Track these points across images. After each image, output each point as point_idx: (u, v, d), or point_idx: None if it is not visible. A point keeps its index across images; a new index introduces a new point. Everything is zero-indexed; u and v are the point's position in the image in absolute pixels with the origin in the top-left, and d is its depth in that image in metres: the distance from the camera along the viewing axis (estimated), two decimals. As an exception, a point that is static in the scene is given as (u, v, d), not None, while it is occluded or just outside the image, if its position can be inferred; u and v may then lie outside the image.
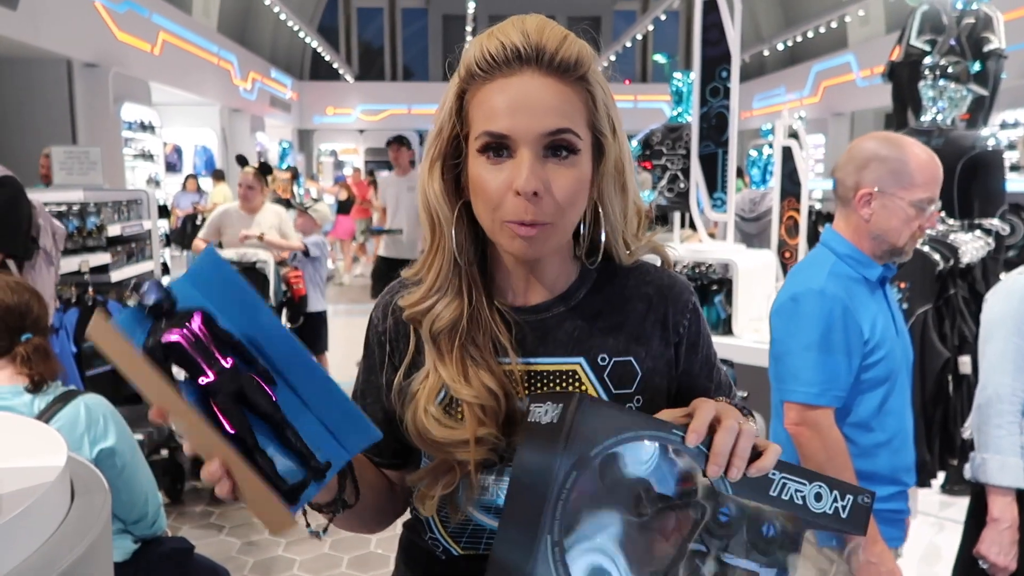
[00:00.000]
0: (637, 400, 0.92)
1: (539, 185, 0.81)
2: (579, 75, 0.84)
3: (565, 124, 0.82)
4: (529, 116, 0.82)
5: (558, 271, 0.94)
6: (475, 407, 0.87)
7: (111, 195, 4.24)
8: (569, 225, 0.87)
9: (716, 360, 1.02)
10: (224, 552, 3.22)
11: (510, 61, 0.83)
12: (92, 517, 1.18)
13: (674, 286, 0.98)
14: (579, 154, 0.84)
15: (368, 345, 0.99)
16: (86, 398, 1.82)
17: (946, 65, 3.48)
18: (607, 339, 0.93)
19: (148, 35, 9.61)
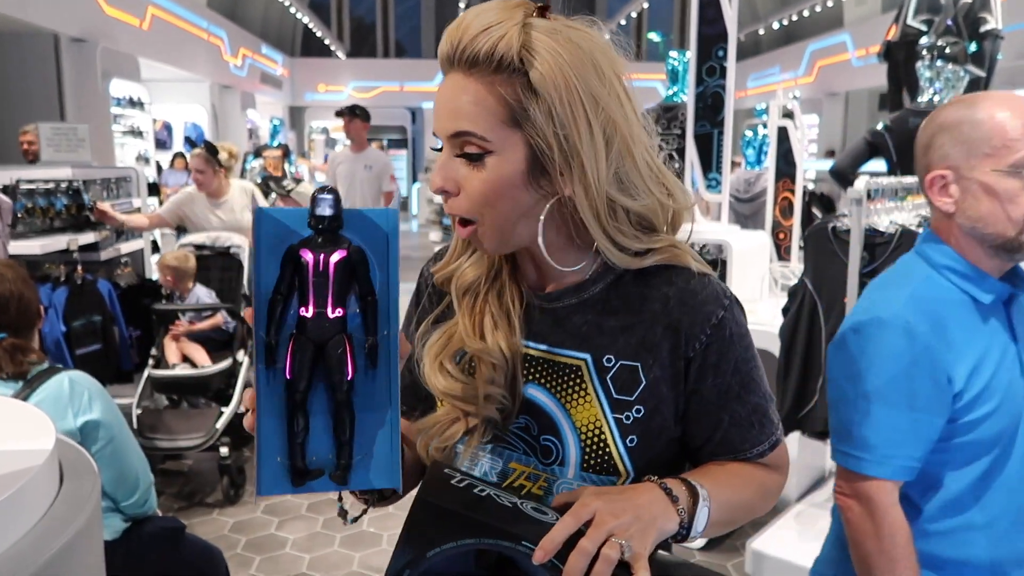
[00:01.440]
0: (637, 410, 0.87)
1: (444, 183, 0.83)
2: (493, 68, 0.79)
3: (463, 127, 0.81)
4: (440, 118, 0.83)
5: (565, 264, 0.89)
6: (487, 363, 0.88)
7: (100, 172, 4.19)
8: (500, 225, 0.84)
9: (748, 390, 0.90)
10: (216, 531, 3.22)
11: (444, 62, 0.84)
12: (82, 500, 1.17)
13: (700, 293, 0.88)
14: (493, 156, 0.81)
15: (418, 290, 1.04)
16: (71, 373, 1.81)
17: (943, 45, 3.45)
18: (617, 339, 0.88)
19: (137, 9, 9.47)
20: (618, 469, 0.87)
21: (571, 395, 0.89)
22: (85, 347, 3.45)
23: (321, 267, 0.67)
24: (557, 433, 0.89)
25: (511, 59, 0.78)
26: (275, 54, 16.80)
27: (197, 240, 4.06)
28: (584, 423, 0.88)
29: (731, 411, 0.89)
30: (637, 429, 0.87)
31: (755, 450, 0.90)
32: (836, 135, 14.10)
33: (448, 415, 0.91)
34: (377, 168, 5.33)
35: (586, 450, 0.88)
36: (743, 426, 0.90)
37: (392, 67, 20.09)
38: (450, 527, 0.70)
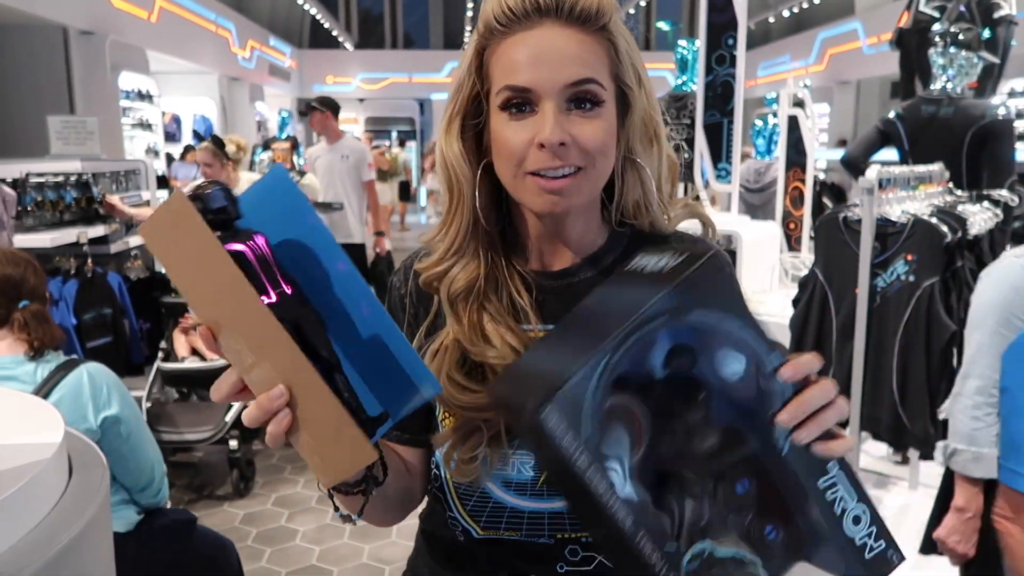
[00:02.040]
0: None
1: (564, 136, 0.79)
2: (600, 24, 0.82)
3: (588, 74, 0.80)
4: (551, 68, 0.80)
5: (584, 233, 0.90)
6: (499, 368, 0.84)
7: (109, 165, 4.20)
8: (601, 175, 0.84)
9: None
10: (227, 523, 3.24)
11: (529, 13, 0.81)
12: (91, 493, 1.17)
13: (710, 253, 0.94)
14: (604, 105, 0.82)
15: (391, 309, 0.97)
16: (88, 366, 1.82)
17: (956, 32, 3.41)
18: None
19: (145, 2, 9.48)
20: None
21: None
22: (96, 340, 3.46)
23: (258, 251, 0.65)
24: None
25: (613, 20, 0.83)
26: (283, 46, 16.79)
27: None
28: None
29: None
30: None
31: None
32: (847, 124, 13.99)
33: (464, 426, 0.86)
34: (354, 157, 5.06)
35: None
36: None
37: (400, 58, 20.05)
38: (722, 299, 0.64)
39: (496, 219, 0.90)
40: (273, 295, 0.65)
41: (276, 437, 0.66)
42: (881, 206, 2.55)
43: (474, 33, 0.86)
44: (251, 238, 0.65)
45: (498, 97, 0.82)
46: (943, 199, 2.85)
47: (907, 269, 2.55)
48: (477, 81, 0.85)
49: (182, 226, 0.61)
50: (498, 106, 0.82)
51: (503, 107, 0.82)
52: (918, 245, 2.54)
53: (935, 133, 3.40)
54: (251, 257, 0.64)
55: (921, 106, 3.48)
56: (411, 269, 0.95)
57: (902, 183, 2.65)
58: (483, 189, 0.87)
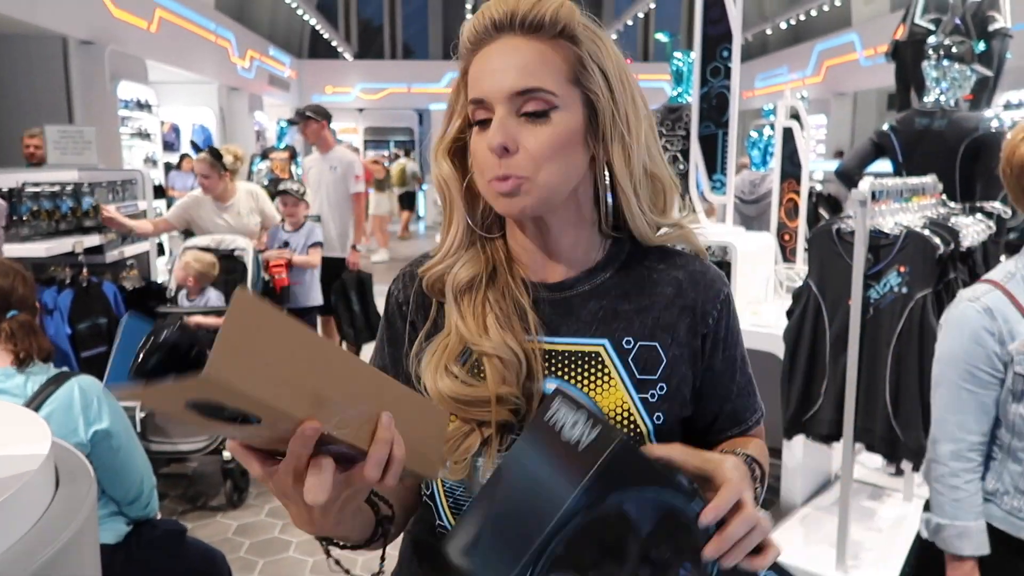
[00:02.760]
0: (661, 387, 0.89)
1: (506, 140, 0.82)
2: (556, 31, 0.84)
3: (532, 83, 0.82)
4: (497, 77, 0.83)
5: (574, 246, 0.92)
6: (496, 362, 0.86)
7: (106, 175, 4.21)
8: (551, 181, 0.84)
9: (745, 362, 0.98)
10: (220, 534, 3.22)
11: (489, 31, 0.85)
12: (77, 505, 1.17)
13: (707, 273, 0.95)
14: (556, 112, 0.83)
15: (388, 318, 0.98)
16: (79, 379, 1.81)
17: (950, 45, 3.43)
18: (633, 322, 0.91)
19: (144, 12, 9.51)
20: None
21: (595, 382, 0.88)
22: (90, 349, 3.46)
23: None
24: None
25: (572, 27, 0.84)
26: (283, 56, 16.84)
27: (202, 243, 4.07)
28: (612, 408, 0.87)
29: (736, 382, 0.96)
30: (663, 406, 0.88)
31: (754, 417, 0.98)
32: (844, 135, 14.04)
33: (459, 429, 0.87)
34: (341, 168, 4.90)
35: None
36: (745, 395, 0.97)
37: (399, 68, 20.11)
38: (635, 476, 0.68)
39: (496, 230, 0.94)
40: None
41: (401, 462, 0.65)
42: (874, 218, 2.55)
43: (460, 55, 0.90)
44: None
45: (471, 114, 0.86)
46: (936, 211, 2.86)
47: (900, 281, 2.56)
48: (464, 100, 0.89)
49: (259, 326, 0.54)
50: (472, 123, 0.86)
51: (473, 122, 0.86)
52: (911, 257, 2.54)
53: (929, 145, 3.41)
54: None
55: (915, 118, 3.49)
56: (409, 276, 0.97)
57: (895, 195, 2.66)
58: (476, 204, 0.92)
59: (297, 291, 4.40)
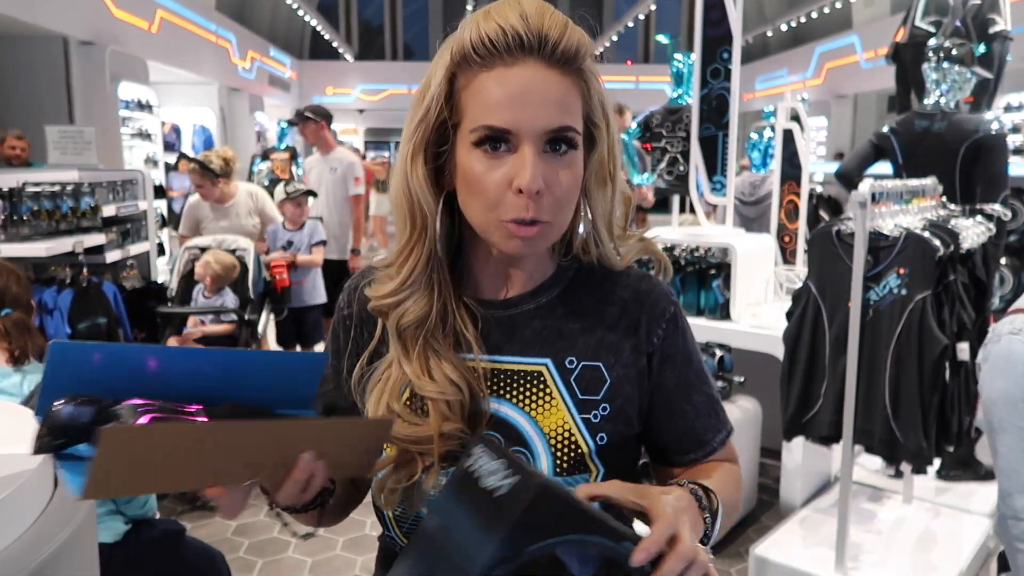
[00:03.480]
0: (604, 408, 0.87)
1: (542, 183, 0.77)
2: (578, 65, 0.80)
3: (567, 121, 0.79)
4: (533, 111, 0.77)
5: (534, 266, 0.91)
6: (440, 403, 0.84)
7: (106, 175, 4.21)
8: (564, 223, 0.83)
9: (702, 381, 0.95)
10: (219, 534, 3.22)
11: (511, 49, 0.77)
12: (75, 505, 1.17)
13: (652, 292, 0.93)
14: (575, 151, 0.81)
15: (334, 329, 0.97)
16: None
17: (950, 47, 3.43)
18: (576, 341, 0.89)
19: (145, 12, 9.53)
20: (589, 468, 0.86)
21: (536, 402, 0.87)
22: (90, 349, 3.45)
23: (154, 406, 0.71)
24: (525, 443, 0.86)
25: (587, 57, 0.81)
26: (283, 57, 16.86)
27: (203, 243, 4.08)
28: (553, 428, 0.86)
29: (693, 402, 0.93)
30: (606, 427, 0.87)
31: (717, 438, 0.95)
32: (845, 137, 14.05)
33: (401, 456, 0.85)
34: (341, 170, 4.88)
35: (557, 455, 0.85)
36: (705, 416, 0.94)
37: (400, 69, 20.13)
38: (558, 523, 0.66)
39: (449, 248, 0.88)
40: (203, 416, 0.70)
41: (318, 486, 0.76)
42: (874, 220, 2.56)
43: (445, 56, 0.82)
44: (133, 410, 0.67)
45: (473, 134, 0.79)
46: (936, 213, 2.86)
47: (899, 283, 2.56)
48: (446, 110, 0.81)
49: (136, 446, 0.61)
50: (472, 142, 0.79)
51: (478, 144, 0.79)
52: (910, 259, 2.54)
53: (929, 147, 3.41)
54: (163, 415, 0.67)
55: (915, 120, 3.50)
56: (355, 291, 0.94)
57: (895, 197, 2.66)
58: (444, 220, 0.85)
59: (301, 290, 4.41)
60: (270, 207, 4.50)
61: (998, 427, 1.37)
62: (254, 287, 4.04)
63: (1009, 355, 1.36)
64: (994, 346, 1.41)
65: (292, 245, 4.39)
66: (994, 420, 1.37)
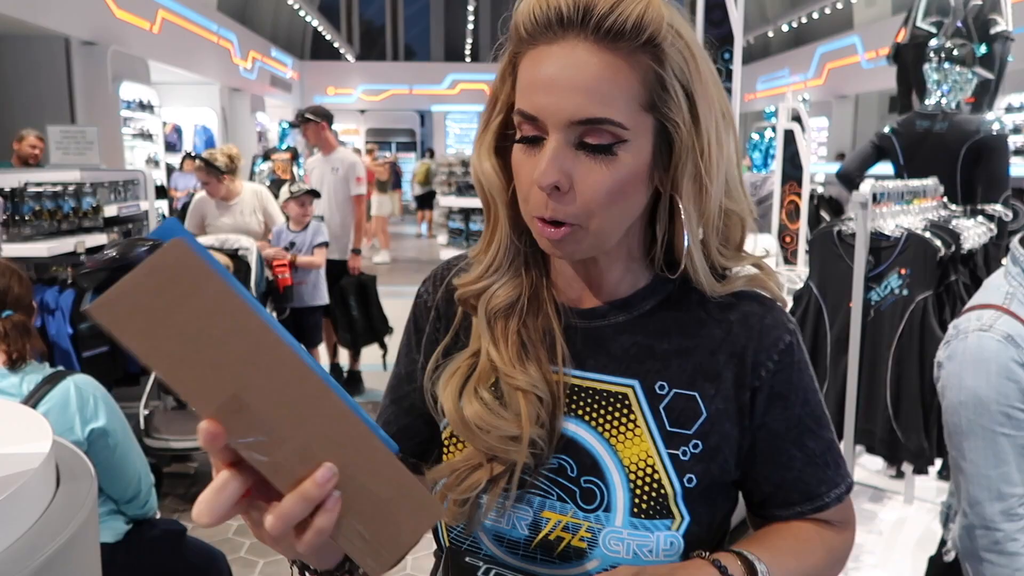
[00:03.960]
0: (695, 445, 0.75)
1: (558, 178, 0.67)
2: (641, 42, 0.66)
3: (601, 112, 0.66)
4: (559, 97, 0.67)
5: (622, 274, 0.79)
6: (532, 397, 0.75)
7: (108, 175, 4.21)
8: (606, 230, 0.71)
9: (819, 425, 0.80)
10: (220, 534, 3.22)
11: (552, 24, 0.67)
12: (78, 503, 1.17)
13: (765, 316, 0.79)
14: (624, 147, 0.68)
15: (415, 320, 0.89)
16: (75, 378, 1.81)
17: (951, 47, 3.43)
18: (670, 364, 0.77)
19: (147, 13, 9.54)
20: (672, 512, 0.74)
21: (617, 428, 0.76)
22: (92, 349, 3.46)
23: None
24: (601, 474, 0.75)
25: (659, 35, 0.66)
26: (285, 57, 16.87)
27: (206, 242, 4.08)
28: (633, 460, 0.75)
29: (804, 447, 0.79)
30: (696, 467, 0.75)
31: (832, 493, 0.80)
32: (846, 138, 14.05)
33: (468, 460, 0.76)
34: (343, 170, 4.88)
35: (636, 492, 0.74)
36: (818, 465, 0.79)
37: (401, 70, 20.15)
38: None
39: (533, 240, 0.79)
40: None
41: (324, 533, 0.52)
42: (875, 220, 2.56)
43: (509, 37, 0.74)
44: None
45: (516, 124, 0.72)
46: (937, 213, 2.86)
47: (901, 283, 2.56)
48: (511, 91, 0.74)
49: (181, 284, 0.46)
50: (516, 136, 0.72)
51: (517, 137, 0.72)
52: (912, 259, 2.55)
53: (930, 148, 3.41)
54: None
55: (916, 121, 3.50)
56: (441, 280, 0.88)
57: (896, 197, 2.66)
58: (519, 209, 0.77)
59: (302, 290, 4.41)
60: (274, 207, 4.53)
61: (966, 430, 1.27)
62: (256, 286, 4.05)
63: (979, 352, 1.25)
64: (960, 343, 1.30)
65: (294, 246, 4.40)
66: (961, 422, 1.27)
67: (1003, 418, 1.22)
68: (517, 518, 0.77)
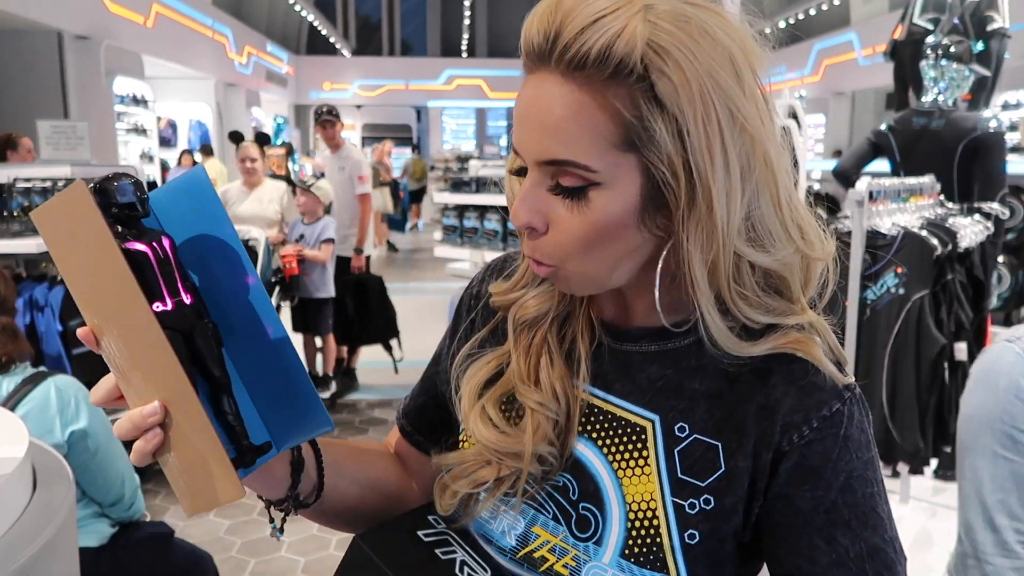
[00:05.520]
0: (706, 500, 0.67)
1: (529, 219, 0.64)
2: (607, 74, 0.59)
3: (563, 154, 0.61)
4: (527, 134, 0.63)
5: (652, 305, 0.69)
6: (539, 415, 0.72)
7: (98, 170, 4.18)
8: (590, 273, 0.66)
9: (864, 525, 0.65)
10: (211, 533, 3.20)
11: (531, 53, 0.63)
12: (54, 508, 1.15)
13: (815, 374, 0.67)
14: (598, 189, 0.62)
15: (459, 306, 0.88)
16: (56, 379, 1.79)
17: (948, 44, 3.41)
18: (697, 406, 0.69)
19: (141, 7, 9.48)
20: (667, 566, 0.68)
21: (627, 461, 0.71)
22: (81, 347, 3.43)
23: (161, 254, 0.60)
24: (600, 503, 0.71)
25: (633, 62, 0.58)
26: (280, 52, 16.80)
27: None
28: (636, 499, 0.70)
29: (833, 542, 0.65)
30: (703, 524, 0.67)
31: None
32: (843, 135, 14.04)
33: (479, 456, 0.74)
34: (348, 168, 5.00)
35: (632, 533, 0.69)
36: (851, 570, 0.64)
37: (397, 65, 20.09)
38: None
39: None
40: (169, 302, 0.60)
41: (143, 455, 0.60)
42: (871, 218, 2.54)
43: None
44: (157, 239, 0.61)
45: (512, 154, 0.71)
46: (934, 211, 2.84)
47: (897, 282, 2.54)
48: None
49: (79, 217, 0.57)
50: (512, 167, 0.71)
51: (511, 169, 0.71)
52: (908, 258, 2.53)
53: (926, 145, 3.39)
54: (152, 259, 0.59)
55: (912, 118, 3.48)
56: (493, 272, 0.87)
57: (892, 195, 2.64)
58: None
59: (309, 283, 4.53)
60: (290, 202, 4.78)
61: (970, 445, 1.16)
62: (262, 273, 4.23)
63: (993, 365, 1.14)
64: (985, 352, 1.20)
65: (303, 238, 4.56)
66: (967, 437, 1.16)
67: (1007, 440, 1.09)
68: (508, 526, 0.75)
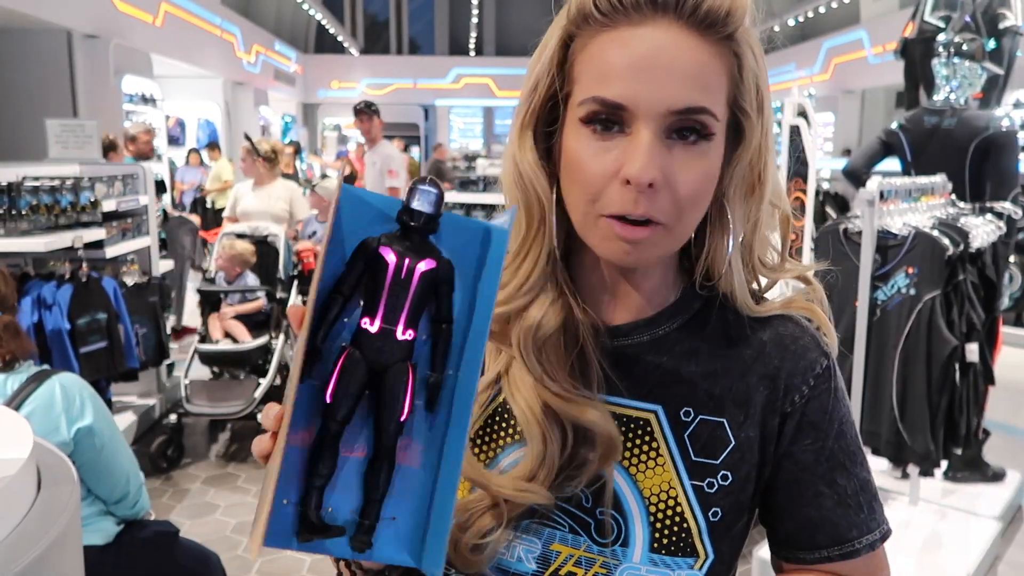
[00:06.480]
0: (724, 476, 0.70)
1: (657, 175, 0.61)
2: (727, 32, 0.64)
3: (702, 101, 0.62)
4: (658, 84, 0.61)
5: (655, 287, 0.73)
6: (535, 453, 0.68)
7: (106, 169, 4.18)
8: (686, 231, 0.67)
9: (853, 461, 0.73)
10: (218, 532, 3.20)
11: (640, 5, 0.62)
12: (59, 508, 1.14)
13: (801, 338, 0.73)
14: (712, 140, 0.64)
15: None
16: (60, 377, 1.78)
17: (960, 42, 3.38)
18: (696, 388, 0.71)
19: (149, 6, 9.49)
20: (696, 550, 0.69)
21: (638, 457, 0.70)
22: (89, 345, 3.43)
23: (404, 273, 0.53)
24: (618, 505, 0.70)
25: (742, 23, 0.65)
26: (288, 51, 16.82)
27: (238, 229, 4.53)
28: (655, 491, 0.70)
29: (834, 484, 0.72)
30: (723, 500, 0.70)
31: (864, 539, 0.72)
32: (852, 133, 13.96)
33: (482, 501, 0.70)
34: (379, 163, 5.14)
35: (657, 525, 0.69)
36: (850, 506, 0.72)
37: (405, 64, 20.08)
38: None
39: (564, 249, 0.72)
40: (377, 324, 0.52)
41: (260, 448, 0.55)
42: (882, 218, 2.52)
43: (561, 16, 0.68)
44: (419, 258, 0.53)
45: (581, 108, 0.65)
46: (945, 211, 2.82)
47: (908, 282, 2.52)
48: (558, 79, 0.67)
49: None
50: (580, 118, 0.65)
51: (586, 120, 0.65)
52: (919, 258, 2.50)
53: (938, 144, 3.36)
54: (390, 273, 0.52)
55: (924, 117, 3.45)
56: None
57: (904, 195, 2.62)
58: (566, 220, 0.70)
59: None
60: (301, 201, 4.95)
61: None
62: (284, 269, 4.47)
63: None
64: None
65: (316, 235, 4.78)
66: None
67: None
68: (524, 551, 0.71)
